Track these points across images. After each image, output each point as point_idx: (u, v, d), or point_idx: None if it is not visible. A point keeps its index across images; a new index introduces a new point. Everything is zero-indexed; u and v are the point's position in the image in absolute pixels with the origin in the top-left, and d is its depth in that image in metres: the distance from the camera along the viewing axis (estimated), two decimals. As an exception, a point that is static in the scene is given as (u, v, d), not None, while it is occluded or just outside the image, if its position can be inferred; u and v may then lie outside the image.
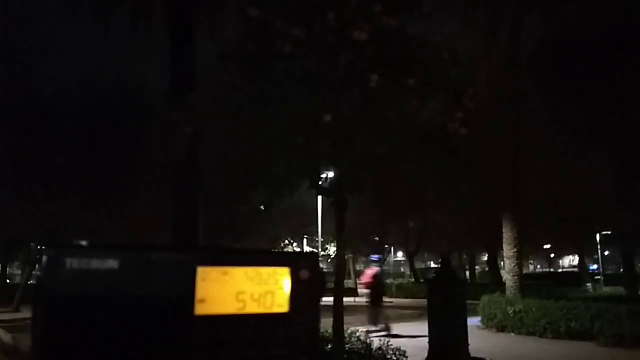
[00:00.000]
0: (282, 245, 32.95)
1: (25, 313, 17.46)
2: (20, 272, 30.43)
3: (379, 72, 5.29)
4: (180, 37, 10.07)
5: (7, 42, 16.65)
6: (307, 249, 35.00)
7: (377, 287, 13.78)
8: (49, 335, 1.02)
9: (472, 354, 8.09)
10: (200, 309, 1.08)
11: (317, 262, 1.19)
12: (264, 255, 1.24)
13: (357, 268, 36.94)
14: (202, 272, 1.09)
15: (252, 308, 1.12)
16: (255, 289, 1.13)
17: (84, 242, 1.04)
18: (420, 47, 5.69)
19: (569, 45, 14.26)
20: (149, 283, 1.05)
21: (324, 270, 27.01)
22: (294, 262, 1.17)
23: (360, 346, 7.53)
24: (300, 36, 5.36)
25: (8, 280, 31.15)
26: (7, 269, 31.89)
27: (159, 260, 1.06)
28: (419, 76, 5.49)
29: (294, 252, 5.00)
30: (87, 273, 1.01)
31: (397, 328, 12.87)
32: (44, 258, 1.05)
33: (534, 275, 40.88)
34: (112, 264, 1.02)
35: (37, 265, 23.44)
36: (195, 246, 3.15)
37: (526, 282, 15.00)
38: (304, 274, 1.15)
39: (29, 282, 21.83)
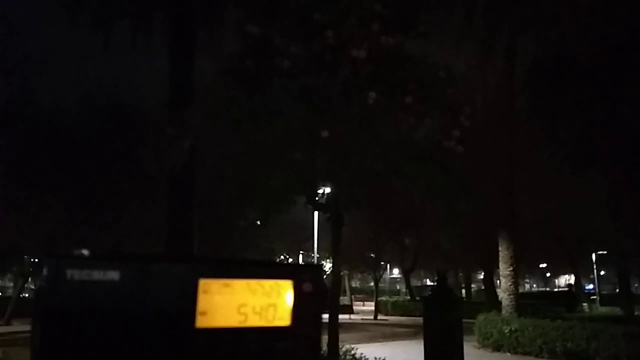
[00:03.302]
0: (278, 260, 32.71)
1: (17, 326, 17.23)
2: (12, 284, 30.10)
3: (376, 90, 5.34)
4: (180, 51, 10.14)
5: (6, 54, 16.70)
6: (302, 265, 34.66)
7: None
8: (48, 348, 1.01)
9: (468, 373, 8.00)
10: (202, 322, 1.07)
11: (321, 274, 1.19)
12: (267, 268, 1.23)
13: (353, 285, 36.66)
14: (203, 284, 1.08)
15: (254, 321, 1.12)
16: (257, 302, 1.12)
17: (85, 252, 1.03)
18: (418, 66, 5.76)
19: (564, 65, 14.41)
20: (150, 295, 1.05)
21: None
22: (297, 274, 1.16)
23: (355, 364, 7.47)
24: (299, 53, 5.41)
25: (0, 293, 30.77)
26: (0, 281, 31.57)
27: (161, 272, 1.06)
28: (416, 94, 5.54)
29: (298, 264, 5.01)
30: (87, 284, 1.00)
31: (392, 346, 12.75)
32: (44, 269, 1.03)
33: (530, 295, 40.69)
34: (113, 275, 1.01)
35: (30, 278, 23.20)
36: (198, 257, 3.12)
37: (522, 301, 14.94)
38: (307, 286, 1.15)
39: (21, 295, 21.58)
